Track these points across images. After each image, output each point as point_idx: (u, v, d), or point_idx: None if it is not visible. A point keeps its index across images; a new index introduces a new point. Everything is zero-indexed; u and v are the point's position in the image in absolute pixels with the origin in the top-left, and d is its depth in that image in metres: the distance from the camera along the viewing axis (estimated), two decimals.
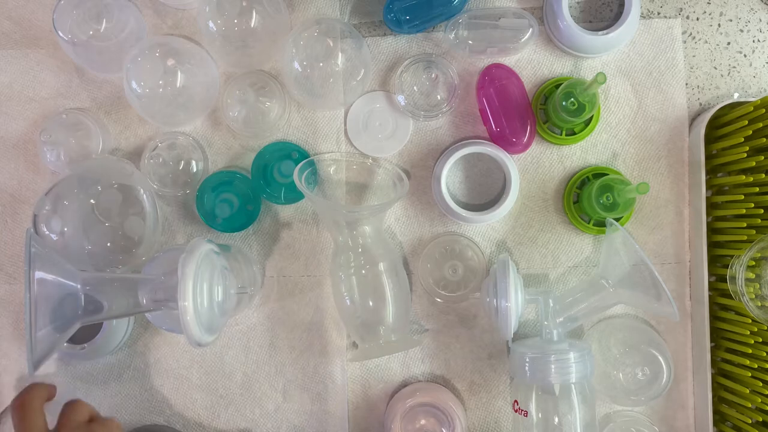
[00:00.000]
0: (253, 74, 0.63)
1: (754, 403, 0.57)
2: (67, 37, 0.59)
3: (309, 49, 0.60)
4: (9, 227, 0.66)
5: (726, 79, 0.64)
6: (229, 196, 0.62)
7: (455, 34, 0.62)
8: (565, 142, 0.63)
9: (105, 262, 0.59)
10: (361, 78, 0.62)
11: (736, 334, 0.59)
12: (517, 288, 0.56)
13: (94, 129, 0.63)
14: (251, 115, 0.62)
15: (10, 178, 0.65)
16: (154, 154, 0.63)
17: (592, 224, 0.63)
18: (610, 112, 0.64)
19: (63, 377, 0.65)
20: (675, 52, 0.64)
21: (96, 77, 0.65)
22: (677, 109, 0.64)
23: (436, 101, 0.63)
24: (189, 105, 0.62)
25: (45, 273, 0.47)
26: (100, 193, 0.59)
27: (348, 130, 0.64)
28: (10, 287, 0.65)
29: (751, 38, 0.64)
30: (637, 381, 0.62)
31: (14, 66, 0.66)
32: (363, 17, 0.65)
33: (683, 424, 0.63)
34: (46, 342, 0.47)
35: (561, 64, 0.64)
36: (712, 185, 0.63)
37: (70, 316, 0.49)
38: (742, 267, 0.55)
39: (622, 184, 0.58)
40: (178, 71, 0.60)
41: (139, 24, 0.63)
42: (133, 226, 0.59)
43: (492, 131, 0.62)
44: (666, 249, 0.64)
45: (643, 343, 0.62)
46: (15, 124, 0.66)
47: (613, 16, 0.64)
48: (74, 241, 0.58)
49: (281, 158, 0.63)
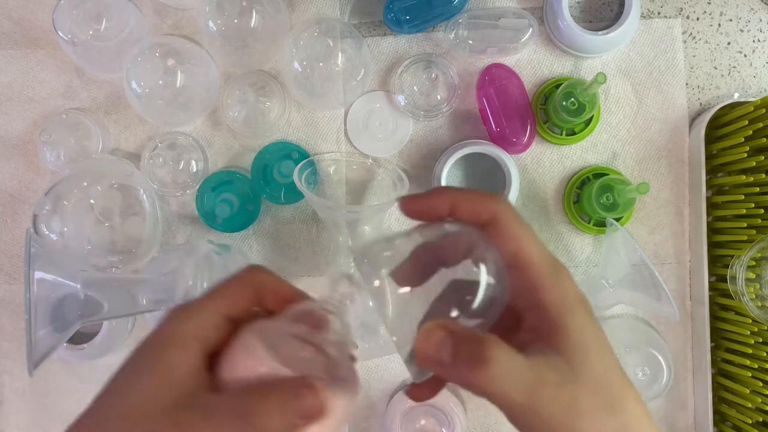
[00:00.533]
0: (253, 74, 0.63)
1: (755, 403, 0.57)
2: (67, 37, 0.59)
3: (309, 49, 0.60)
4: (9, 227, 0.65)
5: (726, 79, 0.64)
6: (229, 196, 0.62)
7: (455, 34, 0.62)
8: (566, 142, 0.63)
9: (105, 263, 0.59)
10: (361, 78, 0.62)
11: (736, 334, 0.59)
12: None
13: (94, 129, 0.63)
14: (251, 115, 0.62)
15: (10, 178, 0.65)
16: (154, 154, 0.63)
17: (592, 224, 0.63)
18: (610, 112, 0.64)
19: (63, 377, 0.65)
20: (675, 52, 0.64)
21: (96, 77, 0.65)
22: (677, 109, 0.64)
23: (436, 101, 0.63)
24: (189, 105, 0.62)
25: (45, 273, 0.47)
26: (100, 193, 0.59)
27: (348, 130, 0.64)
28: (10, 287, 0.65)
29: (751, 38, 0.64)
30: (638, 381, 0.62)
31: (14, 66, 0.65)
32: (363, 17, 0.65)
33: (683, 424, 0.63)
34: (46, 342, 0.47)
35: (561, 64, 0.64)
36: (713, 185, 0.63)
37: (70, 317, 0.49)
38: (742, 267, 0.55)
39: (623, 184, 0.58)
40: (178, 71, 0.60)
41: (139, 24, 0.63)
42: (133, 226, 0.59)
43: (492, 131, 0.61)
44: (666, 249, 0.64)
45: (643, 343, 0.62)
46: (15, 124, 0.65)
47: (613, 16, 0.64)
48: (74, 241, 0.58)
49: (281, 158, 0.63)
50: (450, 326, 0.29)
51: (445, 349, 0.29)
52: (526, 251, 0.31)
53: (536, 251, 0.31)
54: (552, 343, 0.30)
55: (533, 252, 0.31)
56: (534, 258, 0.31)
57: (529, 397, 0.28)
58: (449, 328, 0.29)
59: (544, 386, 0.29)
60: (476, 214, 0.32)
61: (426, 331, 0.29)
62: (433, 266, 0.32)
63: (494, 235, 0.31)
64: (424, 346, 0.29)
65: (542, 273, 0.31)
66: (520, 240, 0.31)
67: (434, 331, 0.29)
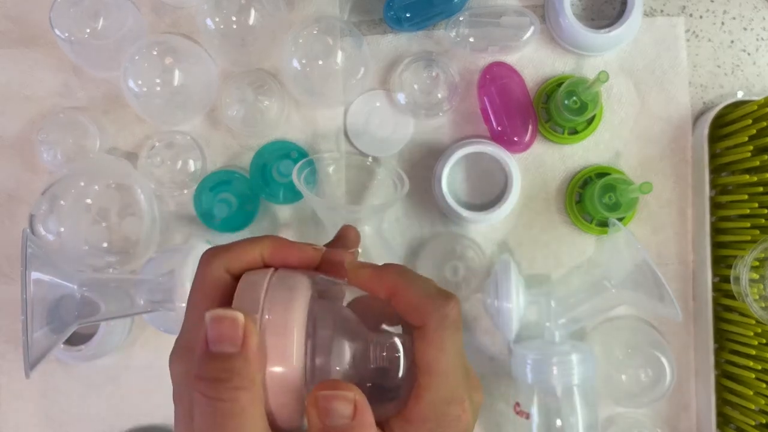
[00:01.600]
0: (252, 73, 0.63)
1: (758, 405, 0.57)
2: (65, 35, 0.58)
3: (308, 47, 0.60)
4: (6, 227, 0.65)
5: (730, 77, 0.64)
6: (228, 195, 0.62)
7: (456, 32, 0.62)
8: (567, 141, 0.63)
9: (102, 263, 0.59)
10: (360, 76, 0.62)
11: (739, 335, 0.59)
12: (518, 289, 0.55)
13: (92, 128, 0.63)
14: (250, 113, 0.62)
15: (7, 178, 0.65)
16: (152, 153, 0.62)
17: (594, 224, 0.62)
18: (612, 111, 0.63)
19: (60, 378, 0.65)
20: (678, 50, 0.63)
21: (93, 76, 0.65)
22: (680, 108, 0.63)
23: (436, 100, 0.63)
24: (187, 104, 0.62)
25: (42, 274, 0.46)
26: (97, 193, 0.58)
27: (347, 129, 0.64)
28: (7, 288, 0.65)
29: (755, 36, 0.63)
30: (640, 383, 0.61)
31: (11, 65, 0.65)
32: (363, 15, 0.64)
33: (686, 426, 0.63)
34: (43, 343, 0.47)
35: (563, 62, 0.63)
36: (716, 185, 0.62)
37: (67, 318, 0.48)
38: (746, 267, 0.54)
39: (625, 184, 0.58)
40: (176, 70, 0.60)
41: (137, 22, 0.62)
42: (131, 226, 0.59)
43: (493, 130, 0.61)
44: (669, 249, 0.63)
45: (645, 344, 0.62)
46: (12, 123, 0.65)
47: (615, 14, 0.63)
48: (71, 241, 0.58)
49: (280, 157, 0.62)
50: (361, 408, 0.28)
51: (341, 419, 0.27)
52: (442, 363, 0.30)
53: (451, 367, 0.30)
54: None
55: (448, 367, 0.30)
56: (444, 372, 0.30)
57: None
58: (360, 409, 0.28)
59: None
60: (409, 315, 0.31)
61: (336, 398, 0.28)
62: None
63: (417, 337, 0.31)
64: (324, 401, 0.27)
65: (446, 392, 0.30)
66: (440, 350, 0.30)
67: (344, 402, 0.28)
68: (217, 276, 0.30)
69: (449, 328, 0.30)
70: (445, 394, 0.30)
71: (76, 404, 0.65)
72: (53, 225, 0.57)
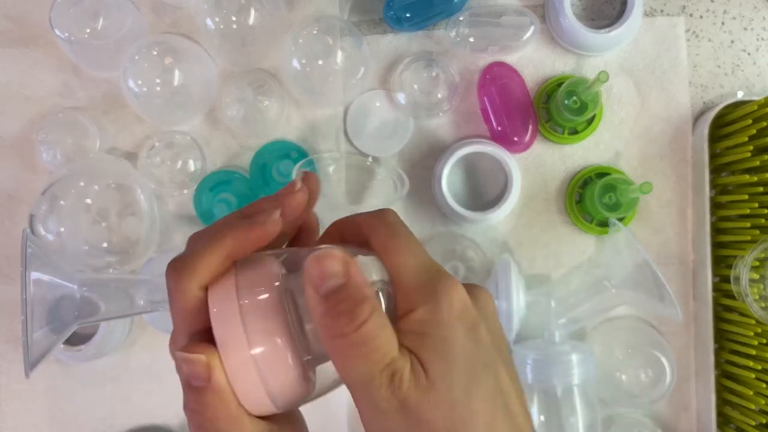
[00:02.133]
0: (252, 73, 0.63)
1: (758, 405, 0.57)
2: (64, 35, 0.58)
3: (308, 47, 0.60)
4: (6, 228, 0.65)
5: (730, 77, 0.63)
6: (228, 195, 0.62)
7: (456, 32, 0.62)
8: (567, 141, 0.62)
9: (102, 263, 0.59)
10: (360, 76, 0.62)
11: (739, 335, 0.59)
12: (518, 289, 0.55)
13: (92, 128, 0.62)
14: (250, 113, 0.62)
15: (7, 178, 0.65)
16: (152, 153, 0.62)
17: (594, 224, 0.62)
18: (612, 111, 0.63)
19: (60, 379, 0.65)
20: (678, 50, 0.63)
21: (93, 76, 0.65)
22: (680, 108, 0.63)
23: (436, 100, 0.63)
24: (187, 104, 0.62)
25: (41, 274, 0.46)
26: (97, 193, 0.58)
27: (347, 129, 0.64)
28: (7, 288, 0.65)
29: (755, 36, 0.63)
30: (640, 383, 0.61)
31: (11, 65, 0.65)
32: (363, 15, 0.64)
33: (686, 426, 0.63)
34: (43, 343, 0.46)
35: (563, 62, 0.63)
36: (716, 185, 0.62)
37: (67, 318, 0.48)
38: (746, 267, 0.54)
39: (625, 184, 0.58)
40: (176, 70, 0.60)
41: (137, 22, 0.62)
42: (131, 226, 0.59)
43: (493, 130, 0.61)
44: (669, 249, 0.63)
45: (645, 344, 0.61)
46: (12, 123, 0.65)
47: (615, 14, 0.63)
48: (71, 241, 0.57)
49: (280, 157, 0.62)
50: (350, 263, 0.28)
51: (334, 280, 0.27)
52: (396, 266, 0.30)
53: (410, 264, 0.30)
54: (417, 350, 0.28)
55: (406, 265, 0.30)
56: (404, 272, 0.30)
57: (382, 383, 0.27)
58: (349, 263, 0.28)
59: (401, 382, 0.27)
60: (356, 236, 0.32)
61: (325, 256, 0.27)
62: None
63: (382, 258, 0.31)
64: (315, 266, 0.27)
65: (410, 290, 0.29)
66: (390, 254, 0.30)
67: (333, 259, 0.27)
68: (192, 297, 0.31)
69: (392, 226, 0.31)
70: (417, 298, 0.29)
71: (76, 404, 0.65)
72: (53, 225, 0.57)
